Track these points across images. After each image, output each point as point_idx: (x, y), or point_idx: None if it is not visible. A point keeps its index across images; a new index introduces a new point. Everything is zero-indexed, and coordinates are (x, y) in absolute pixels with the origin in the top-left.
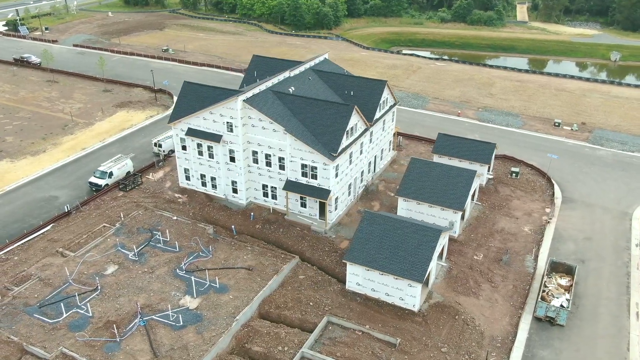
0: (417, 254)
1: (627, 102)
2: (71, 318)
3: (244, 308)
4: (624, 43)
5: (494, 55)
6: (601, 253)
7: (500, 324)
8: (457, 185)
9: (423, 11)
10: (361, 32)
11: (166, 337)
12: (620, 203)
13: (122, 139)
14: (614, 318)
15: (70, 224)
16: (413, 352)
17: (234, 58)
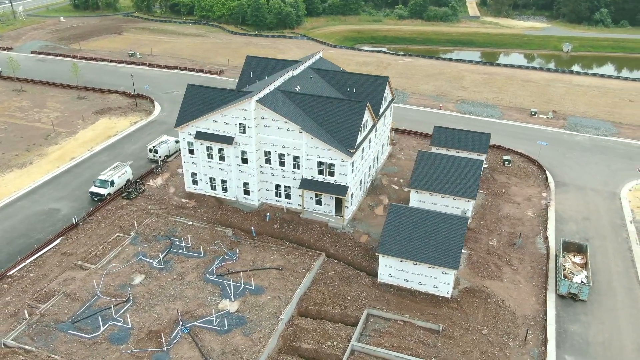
0: (447, 242)
1: (589, 89)
2: (110, 331)
3: (284, 307)
4: (573, 35)
5: (455, 49)
6: (601, 231)
7: (529, 304)
8: (467, 174)
9: (379, 9)
10: (323, 30)
11: (214, 342)
12: (607, 184)
13: (111, 147)
14: (628, 290)
15: (80, 236)
16: (456, 337)
17: (203, 60)
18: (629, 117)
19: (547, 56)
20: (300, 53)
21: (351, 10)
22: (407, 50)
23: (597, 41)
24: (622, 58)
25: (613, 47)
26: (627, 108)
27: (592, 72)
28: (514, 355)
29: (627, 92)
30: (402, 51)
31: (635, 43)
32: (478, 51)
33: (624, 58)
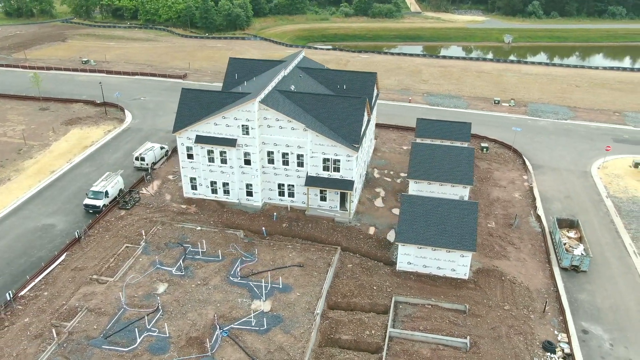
0: (462, 227)
1: (538, 77)
2: (147, 342)
3: (315, 302)
4: (511, 27)
5: (403, 44)
6: (583, 207)
7: (538, 278)
8: (461, 162)
9: (323, 7)
10: (274, 30)
11: (256, 342)
12: (577, 164)
13: (90, 158)
14: (620, 259)
15: (85, 250)
16: (482, 314)
17: (161, 65)
18: (579, 101)
19: (490, 48)
20: (258, 54)
21: (297, 10)
22: (358, 47)
23: (534, 32)
24: (558, 47)
25: (549, 37)
26: (575, 93)
27: (538, 61)
28: (537, 327)
29: (572, 79)
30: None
31: (568, 32)
32: (425, 45)
33: (560, 47)
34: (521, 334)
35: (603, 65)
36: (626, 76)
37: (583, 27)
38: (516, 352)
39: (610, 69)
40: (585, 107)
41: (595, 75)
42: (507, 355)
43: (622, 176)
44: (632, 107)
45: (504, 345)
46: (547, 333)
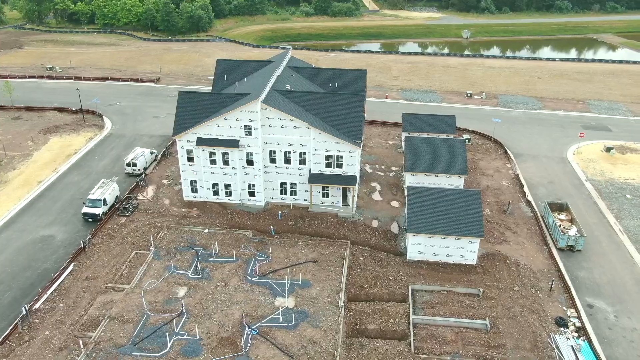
0: (468, 214)
1: (502, 70)
2: (179, 346)
3: (337, 296)
4: (468, 22)
5: (366, 42)
6: (567, 191)
7: (539, 260)
8: (454, 153)
9: (281, 7)
10: (238, 31)
11: (287, 338)
12: (553, 151)
13: (77, 166)
14: (608, 237)
15: (93, 259)
16: (495, 296)
17: (129, 69)
18: (543, 91)
19: (449, 43)
20: (226, 55)
21: (257, 10)
22: (324, 46)
23: (490, 27)
24: (513, 40)
25: (504, 31)
26: (538, 84)
27: (499, 55)
28: (547, 305)
29: (533, 71)
30: (318, 47)
31: (521, 27)
32: (387, 42)
33: (515, 40)
34: (534, 312)
35: (560, 57)
36: (582, 67)
37: (535, 21)
38: (533, 329)
39: (567, 61)
40: (550, 97)
41: (554, 67)
42: (526, 333)
43: (597, 160)
44: (592, 95)
45: (520, 324)
46: (556, 310)
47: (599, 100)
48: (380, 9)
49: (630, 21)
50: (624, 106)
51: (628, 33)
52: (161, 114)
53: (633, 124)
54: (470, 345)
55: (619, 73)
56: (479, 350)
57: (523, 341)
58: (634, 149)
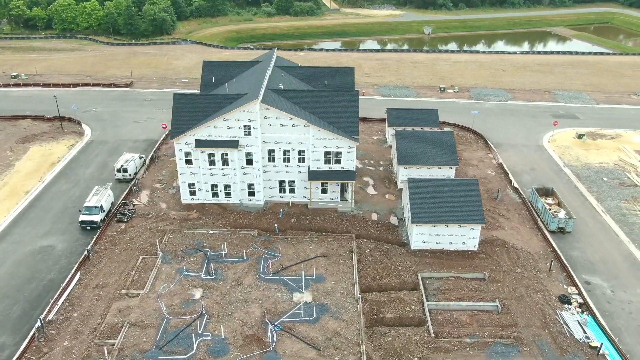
0: (468, 202)
1: (468, 65)
2: (205, 347)
3: (352, 288)
4: (428, 19)
5: (331, 40)
6: (549, 177)
7: (534, 242)
8: (444, 145)
9: (242, 8)
10: (202, 33)
11: (311, 331)
12: (529, 140)
13: (63, 174)
14: (593, 218)
15: (99, 267)
16: (500, 279)
17: (99, 74)
18: (510, 83)
19: (412, 39)
20: (196, 57)
21: (219, 11)
22: (289, 45)
23: (449, 23)
24: (472, 35)
25: (463, 26)
26: (504, 76)
27: (464, 50)
28: (548, 284)
29: (497, 64)
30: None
31: (479, 22)
32: (351, 40)
33: (474, 35)
34: (538, 292)
35: (520, 50)
36: (542, 59)
37: (491, 16)
38: (540, 307)
39: (527, 53)
40: (518, 89)
41: (516, 60)
42: (534, 311)
43: (571, 147)
44: (555, 86)
45: (528, 303)
46: (558, 288)
47: (563, 90)
48: (340, 8)
49: (579, 14)
50: (587, 95)
51: (578, 25)
52: (141, 118)
53: (598, 112)
54: (485, 326)
55: (576, 64)
56: (494, 330)
57: (533, 319)
58: (603, 135)
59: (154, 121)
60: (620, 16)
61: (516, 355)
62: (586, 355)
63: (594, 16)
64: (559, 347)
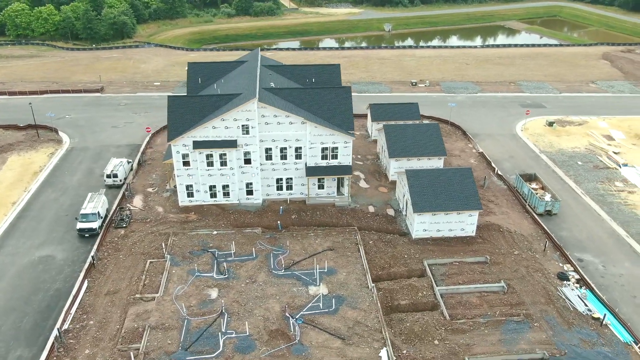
0: (465, 190)
1: (432, 59)
2: (231, 344)
3: (364, 278)
4: (388, 16)
5: (295, 39)
6: (527, 163)
7: (525, 225)
8: (431, 137)
9: (200, 9)
10: (163, 36)
11: (332, 322)
12: (504, 129)
13: (48, 183)
14: (575, 200)
15: (106, 274)
16: (501, 261)
17: (64, 80)
18: (475, 76)
19: (373, 37)
20: (162, 60)
21: (178, 13)
22: (254, 45)
23: (408, 19)
24: (431, 31)
25: (422, 22)
26: (468, 70)
27: (427, 45)
28: (545, 263)
29: (460, 58)
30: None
31: (437, 18)
32: (314, 39)
33: (432, 31)
34: (537, 271)
35: (480, 44)
36: (501, 52)
37: (447, 12)
38: (542, 285)
39: (488, 47)
40: (484, 81)
41: (477, 53)
42: (537, 289)
43: (543, 134)
44: (517, 77)
45: (530, 282)
46: (555, 267)
47: (527, 81)
48: (298, 7)
49: (529, 8)
50: (549, 85)
51: (528, 19)
52: (118, 123)
53: (562, 100)
54: (495, 306)
55: (534, 56)
56: (504, 309)
57: (538, 296)
58: (571, 122)
59: (132, 126)
60: (567, 9)
61: (528, 330)
62: (591, 326)
63: (542, 10)
64: (566, 321)
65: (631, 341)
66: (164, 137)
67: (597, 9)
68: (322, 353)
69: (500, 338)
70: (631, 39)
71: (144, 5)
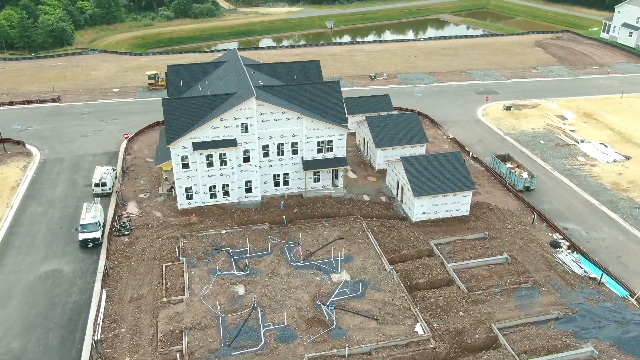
0: (457, 172)
1: (381, 53)
2: (272, 336)
3: (380, 262)
4: (327, 13)
5: (238, 40)
6: (496, 145)
7: (509, 202)
8: (411, 126)
9: (138, 13)
10: (105, 41)
11: (363, 305)
12: (466, 115)
13: (30, 197)
14: (546, 175)
15: (123, 282)
16: (498, 236)
17: (12, 91)
18: (426, 67)
19: (317, 34)
20: (112, 67)
21: (115, 18)
22: (199, 47)
23: (348, 16)
24: (372, 26)
25: (362, 19)
26: (417, 62)
27: (374, 40)
28: (537, 234)
29: (407, 51)
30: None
31: (375, 13)
32: (258, 39)
33: (373, 26)
34: (532, 241)
35: (424, 37)
36: (444, 43)
37: (383, 7)
38: (540, 254)
39: (430, 39)
40: (437, 72)
41: (422, 46)
42: (537, 258)
43: (503, 118)
44: (464, 66)
45: (528, 252)
46: (545, 237)
47: (475, 70)
48: (237, 8)
49: (459, 1)
50: (496, 72)
51: (459, 12)
52: (87, 132)
53: (511, 86)
54: (504, 276)
55: (475, 46)
56: (512, 278)
57: (539, 264)
58: (524, 105)
59: (103, 133)
60: (493, 1)
61: (538, 295)
62: (590, 286)
63: (471, 2)
64: (568, 283)
65: (627, 295)
66: (140, 142)
67: (521, 0)
68: (362, 334)
69: (516, 304)
70: (554, 27)
71: (79, 11)
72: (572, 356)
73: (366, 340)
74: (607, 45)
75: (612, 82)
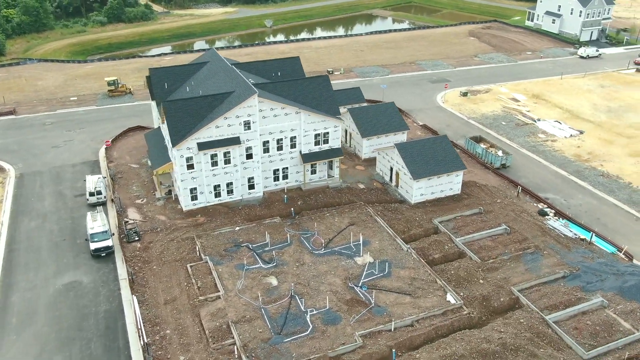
0: (448, 154)
1: (329, 49)
2: (318, 320)
3: (396, 243)
4: (263, 12)
5: (180, 42)
6: (463, 129)
7: (491, 179)
8: (391, 115)
9: (68, 19)
10: (41, 50)
11: (392, 283)
12: (427, 103)
13: (20, 213)
14: (516, 153)
15: (150, 286)
16: (492, 210)
17: None
18: (376, 60)
19: (257, 33)
20: (57, 75)
21: (44, 26)
22: (140, 52)
23: (284, 14)
24: (310, 23)
25: (299, 16)
26: (365, 55)
27: (317, 37)
28: (524, 205)
29: (352, 46)
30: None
31: (311, 11)
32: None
33: (311, 23)
34: (523, 212)
35: (365, 31)
36: (385, 37)
37: (317, 5)
38: (531, 221)
39: (370, 34)
40: (388, 64)
41: (365, 40)
42: (530, 225)
43: (462, 103)
44: (410, 58)
45: (522, 222)
46: (532, 207)
47: (423, 61)
48: (170, 10)
49: None
50: (442, 62)
51: (389, 6)
52: (57, 142)
53: (459, 74)
54: (508, 244)
55: (414, 38)
56: (516, 246)
57: (534, 231)
58: (478, 91)
59: (75, 143)
60: None
61: (541, 258)
62: (582, 246)
63: None
64: (565, 246)
65: (615, 251)
66: (119, 149)
67: None
68: (401, 309)
69: (525, 268)
70: (480, 17)
71: (5, 19)
72: (587, 307)
73: (407, 314)
74: (533, 32)
75: (547, 65)
